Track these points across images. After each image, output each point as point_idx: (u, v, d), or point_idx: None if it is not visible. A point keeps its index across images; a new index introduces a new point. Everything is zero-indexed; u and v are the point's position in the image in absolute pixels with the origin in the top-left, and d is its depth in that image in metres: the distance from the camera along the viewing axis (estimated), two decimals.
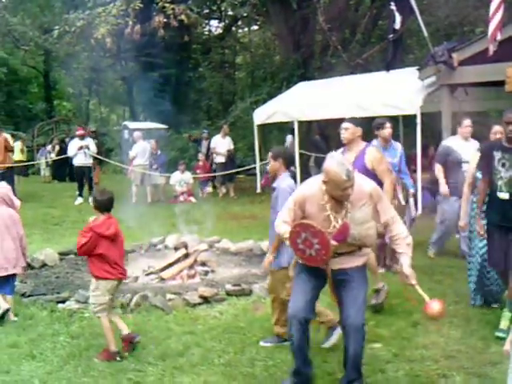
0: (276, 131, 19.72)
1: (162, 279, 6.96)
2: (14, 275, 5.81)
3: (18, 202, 6.04)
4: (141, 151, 14.63)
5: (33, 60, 33.13)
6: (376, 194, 3.99)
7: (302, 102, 13.40)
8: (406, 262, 3.93)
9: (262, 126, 15.18)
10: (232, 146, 15.52)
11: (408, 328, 5.27)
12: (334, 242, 3.82)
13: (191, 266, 7.25)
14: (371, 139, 6.80)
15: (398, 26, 10.82)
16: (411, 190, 7.26)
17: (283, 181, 4.85)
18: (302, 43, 17.64)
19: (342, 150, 5.93)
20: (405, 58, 11.69)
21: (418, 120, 10.32)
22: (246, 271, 7.33)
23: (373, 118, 7.55)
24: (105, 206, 4.82)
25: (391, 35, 11.05)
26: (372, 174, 5.35)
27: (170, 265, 7.23)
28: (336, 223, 3.88)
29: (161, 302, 5.96)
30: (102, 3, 13.77)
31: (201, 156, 15.98)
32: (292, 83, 16.10)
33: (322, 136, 15.19)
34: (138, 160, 14.52)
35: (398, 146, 7.12)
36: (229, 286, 6.40)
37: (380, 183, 5.21)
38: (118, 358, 4.73)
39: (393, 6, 10.86)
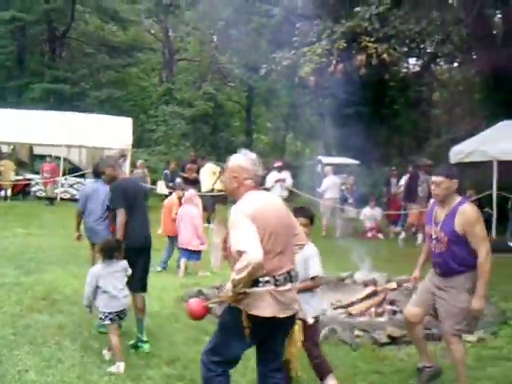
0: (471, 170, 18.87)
1: (350, 314, 7.02)
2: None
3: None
4: (331, 185, 14.98)
5: (237, 96, 35.58)
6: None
7: (503, 141, 12.79)
8: None
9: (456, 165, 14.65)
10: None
11: None
12: None
13: (379, 304, 7.23)
14: None
15: None
16: None
17: None
18: (505, 80, 16.77)
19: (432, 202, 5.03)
20: None
21: None
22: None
23: None
24: None
25: None
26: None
27: (360, 300, 7.28)
28: None
29: (349, 338, 6.03)
30: (308, 43, 14.25)
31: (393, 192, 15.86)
32: (493, 122, 15.36)
33: None
34: (329, 194, 14.87)
35: None
36: None
37: None
38: None
39: None
